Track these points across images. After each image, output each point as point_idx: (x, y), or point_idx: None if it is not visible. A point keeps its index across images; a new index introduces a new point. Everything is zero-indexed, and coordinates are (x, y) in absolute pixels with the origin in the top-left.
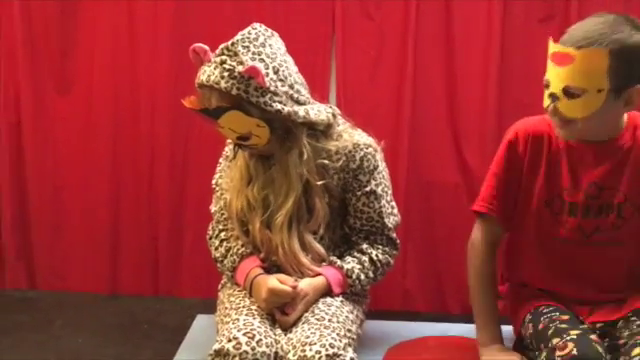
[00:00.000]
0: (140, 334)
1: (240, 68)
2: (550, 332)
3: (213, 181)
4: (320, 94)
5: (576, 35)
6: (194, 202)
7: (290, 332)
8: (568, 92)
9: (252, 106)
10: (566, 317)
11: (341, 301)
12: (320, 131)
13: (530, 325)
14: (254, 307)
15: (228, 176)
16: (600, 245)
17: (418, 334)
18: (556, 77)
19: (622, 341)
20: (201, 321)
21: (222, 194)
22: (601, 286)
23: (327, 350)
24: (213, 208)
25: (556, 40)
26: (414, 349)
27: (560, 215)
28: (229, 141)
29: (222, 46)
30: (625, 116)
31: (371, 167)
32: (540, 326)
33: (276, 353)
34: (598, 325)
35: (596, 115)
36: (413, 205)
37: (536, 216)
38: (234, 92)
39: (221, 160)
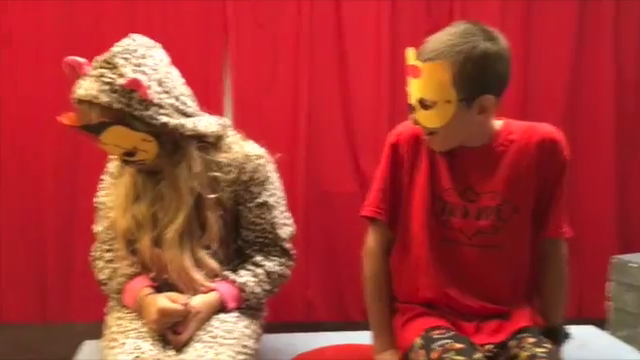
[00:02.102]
0: None
1: (121, 81)
2: None
3: (96, 199)
4: (214, 105)
5: (426, 48)
6: (84, 222)
7: (183, 352)
8: (422, 103)
9: (136, 120)
10: (460, 346)
11: (237, 316)
12: (210, 143)
13: (422, 352)
14: (144, 329)
15: (113, 194)
16: (483, 248)
17: (319, 344)
18: (412, 89)
19: None
20: (88, 347)
21: (107, 213)
22: (487, 294)
23: None
24: (98, 228)
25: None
26: None
27: (442, 216)
28: (112, 157)
29: (99, 59)
30: (500, 122)
31: (262, 178)
32: (433, 355)
33: None
34: (487, 347)
35: (451, 125)
36: (313, 216)
37: (422, 218)
38: (116, 106)
39: (104, 177)
